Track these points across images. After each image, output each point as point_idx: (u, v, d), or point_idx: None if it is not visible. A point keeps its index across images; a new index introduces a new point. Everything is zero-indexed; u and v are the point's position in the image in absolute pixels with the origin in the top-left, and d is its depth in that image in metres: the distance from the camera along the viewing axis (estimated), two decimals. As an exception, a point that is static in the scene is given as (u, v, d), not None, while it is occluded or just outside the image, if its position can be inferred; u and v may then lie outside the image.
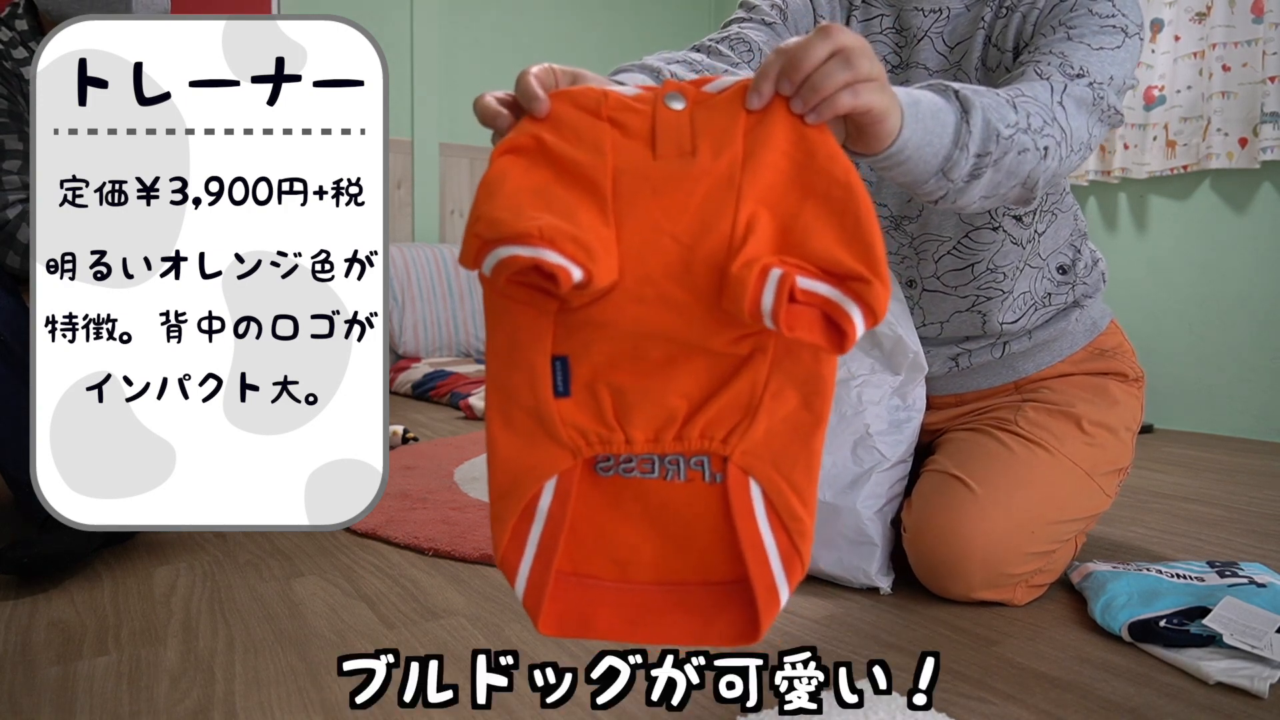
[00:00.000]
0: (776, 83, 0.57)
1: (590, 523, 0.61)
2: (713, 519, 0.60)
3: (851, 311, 0.54)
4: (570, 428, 0.59)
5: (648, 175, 0.57)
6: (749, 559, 0.58)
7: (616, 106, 0.59)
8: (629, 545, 0.61)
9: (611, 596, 0.62)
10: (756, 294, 0.53)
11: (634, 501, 0.61)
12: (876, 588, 1.09)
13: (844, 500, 1.09)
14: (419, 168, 3.94)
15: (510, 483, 0.60)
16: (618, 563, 0.61)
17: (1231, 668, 0.84)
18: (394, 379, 3.35)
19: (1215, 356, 2.65)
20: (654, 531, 0.61)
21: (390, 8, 3.86)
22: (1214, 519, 1.54)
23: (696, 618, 0.61)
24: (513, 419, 0.60)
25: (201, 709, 0.78)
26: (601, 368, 0.59)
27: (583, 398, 0.59)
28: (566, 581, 0.61)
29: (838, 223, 0.55)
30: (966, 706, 0.79)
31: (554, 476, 0.60)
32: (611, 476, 0.61)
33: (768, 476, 0.59)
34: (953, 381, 1.19)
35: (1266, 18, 2.43)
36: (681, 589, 0.61)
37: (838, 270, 0.54)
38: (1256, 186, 2.54)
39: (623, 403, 0.59)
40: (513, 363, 0.60)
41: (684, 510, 0.60)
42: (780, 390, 0.58)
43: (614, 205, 0.57)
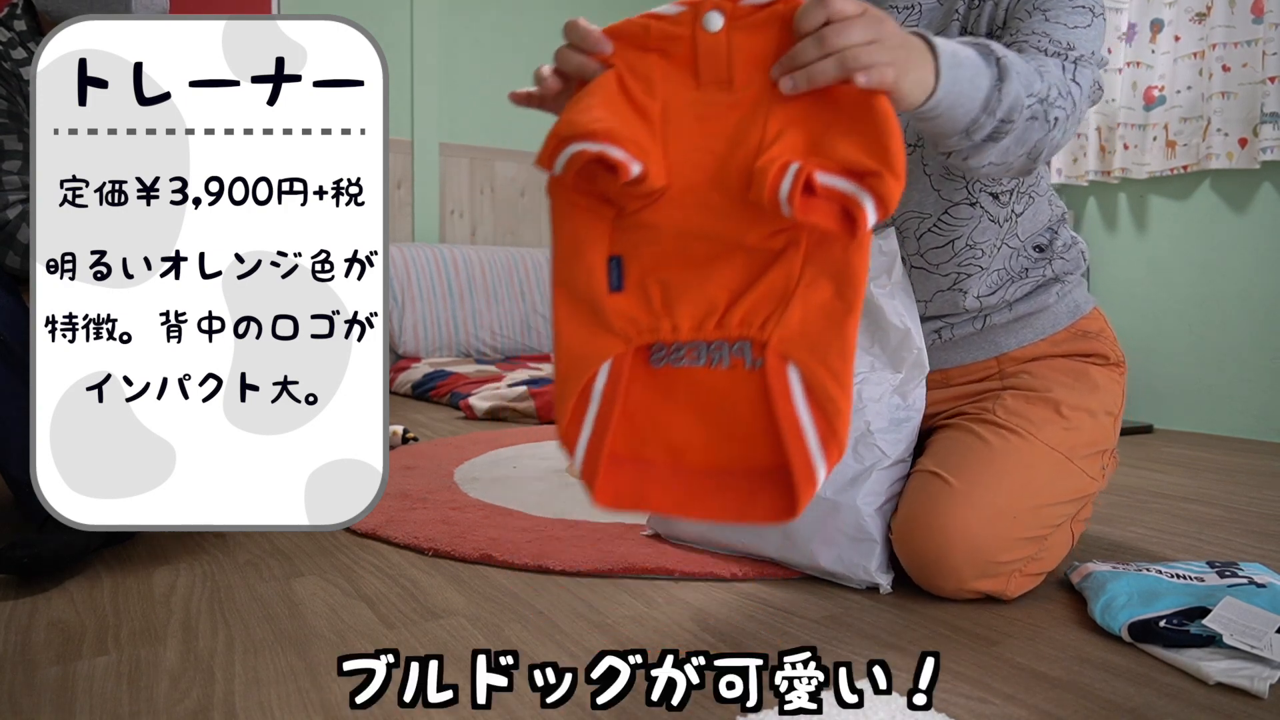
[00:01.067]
0: None
1: (646, 412, 0.68)
2: (754, 405, 0.65)
3: (864, 201, 0.60)
4: (623, 318, 0.67)
5: (691, 104, 0.66)
6: (787, 439, 0.64)
7: (660, 37, 0.67)
8: (680, 433, 0.68)
9: (663, 480, 0.68)
10: (775, 183, 0.61)
11: (684, 390, 0.67)
12: (877, 586, 1.09)
13: (844, 497, 1.09)
14: (419, 168, 3.94)
15: (570, 368, 0.68)
16: (670, 450, 0.68)
17: (1231, 668, 0.84)
18: (394, 379, 3.36)
19: (1215, 356, 2.65)
20: (702, 420, 0.67)
21: (390, 8, 3.86)
22: (1214, 519, 1.54)
23: (739, 498, 0.67)
24: (574, 312, 0.68)
25: (201, 709, 0.78)
26: (650, 266, 0.67)
27: (634, 292, 0.67)
28: (624, 465, 0.68)
29: (858, 130, 0.62)
30: (966, 706, 0.79)
31: (608, 361, 0.67)
32: (663, 367, 0.68)
33: (804, 361, 0.64)
34: (936, 355, 1.21)
35: (1266, 18, 2.43)
36: (726, 475, 0.67)
37: (856, 169, 0.61)
38: (1256, 186, 2.54)
39: (669, 295, 0.67)
40: (575, 262, 0.68)
41: (728, 397, 0.66)
42: (814, 280, 0.64)
43: (661, 130, 0.66)
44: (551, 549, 1.22)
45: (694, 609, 1.03)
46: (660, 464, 0.68)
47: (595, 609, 1.03)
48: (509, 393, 2.70)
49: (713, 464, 0.67)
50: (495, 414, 2.66)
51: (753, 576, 1.14)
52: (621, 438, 0.67)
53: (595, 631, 0.96)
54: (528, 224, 4.32)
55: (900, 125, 0.63)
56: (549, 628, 0.97)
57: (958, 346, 1.21)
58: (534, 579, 1.14)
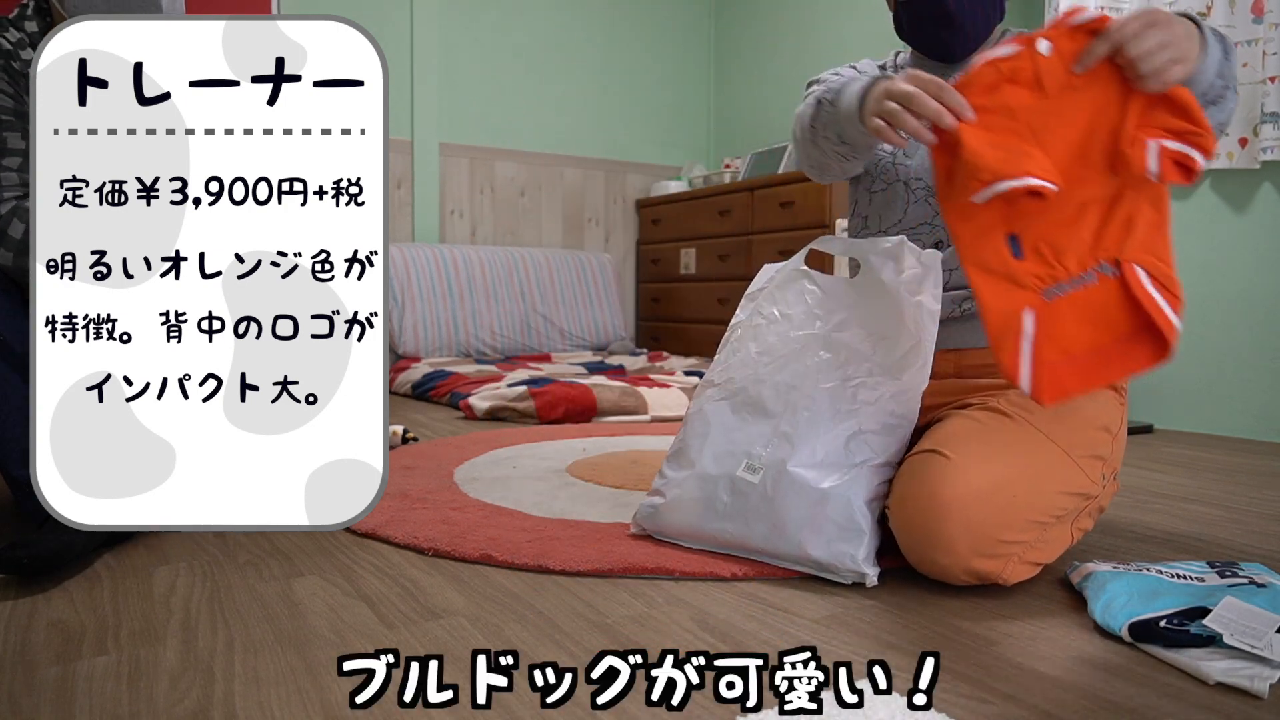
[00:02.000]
0: (1110, 55, 0.94)
1: (1048, 332, 0.96)
2: (1119, 296, 0.96)
3: (1196, 156, 0.92)
4: (1030, 276, 0.97)
5: (1047, 110, 0.96)
6: (1150, 309, 0.94)
7: (1009, 71, 0.96)
8: (1072, 336, 0.96)
9: (1073, 370, 0.96)
10: (1142, 161, 0.93)
11: (1069, 308, 0.97)
12: (864, 579, 1.09)
13: (835, 487, 1.10)
14: (419, 168, 3.95)
15: (1002, 322, 0.97)
16: (1065, 350, 0.96)
17: (1231, 668, 0.84)
18: (394, 379, 3.36)
19: (1215, 356, 2.65)
20: (1084, 321, 0.96)
21: (390, 8, 3.86)
22: (1214, 519, 1.54)
23: (1124, 358, 0.95)
24: (991, 281, 0.98)
25: (201, 709, 0.78)
26: (1038, 235, 0.98)
27: (1032, 256, 0.98)
28: (1049, 369, 0.96)
29: (1169, 104, 0.93)
30: (966, 706, 0.79)
31: (1029, 309, 0.97)
32: (1054, 300, 0.97)
33: (1147, 260, 0.96)
34: (954, 331, 1.24)
35: (1266, 18, 2.43)
36: (1108, 349, 0.96)
37: (1181, 131, 0.93)
38: (1256, 186, 2.54)
39: (1056, 250, 0.97)
40: (983, 246, 0.98)
41: (1099, 299, 0.96)
42: (1140, 207, 0.96)
43: (1033, 137, 0.96)
44: (551, 549, 1.22)
45: (694, 609, 1.03)
46: (1064, 361, 0.96)
47: (595, 609, 1.03)
48: (509, 393, 2.70)
49: (1097, 345, 0.96)
50: (495, 414, 2.66)
51: (752, 576, 1.14)
52: (1045, 352, 0.95)
53: (595, 631, 0.96)
54: (528, 224, 4.32)
55: None
56: (549, 628, 0.97)
57: (974, 324, 1.24)
58: (534, 579, 1.14)
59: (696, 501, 1.20)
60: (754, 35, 4.49)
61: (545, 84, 4.30)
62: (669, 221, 4.32)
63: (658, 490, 1.27)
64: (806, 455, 1.13)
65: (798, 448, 1.13)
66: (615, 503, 1.52)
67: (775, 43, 4.34)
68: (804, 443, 1.14)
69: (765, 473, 1.14)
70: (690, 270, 4.15)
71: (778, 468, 1.13)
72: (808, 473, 1.12)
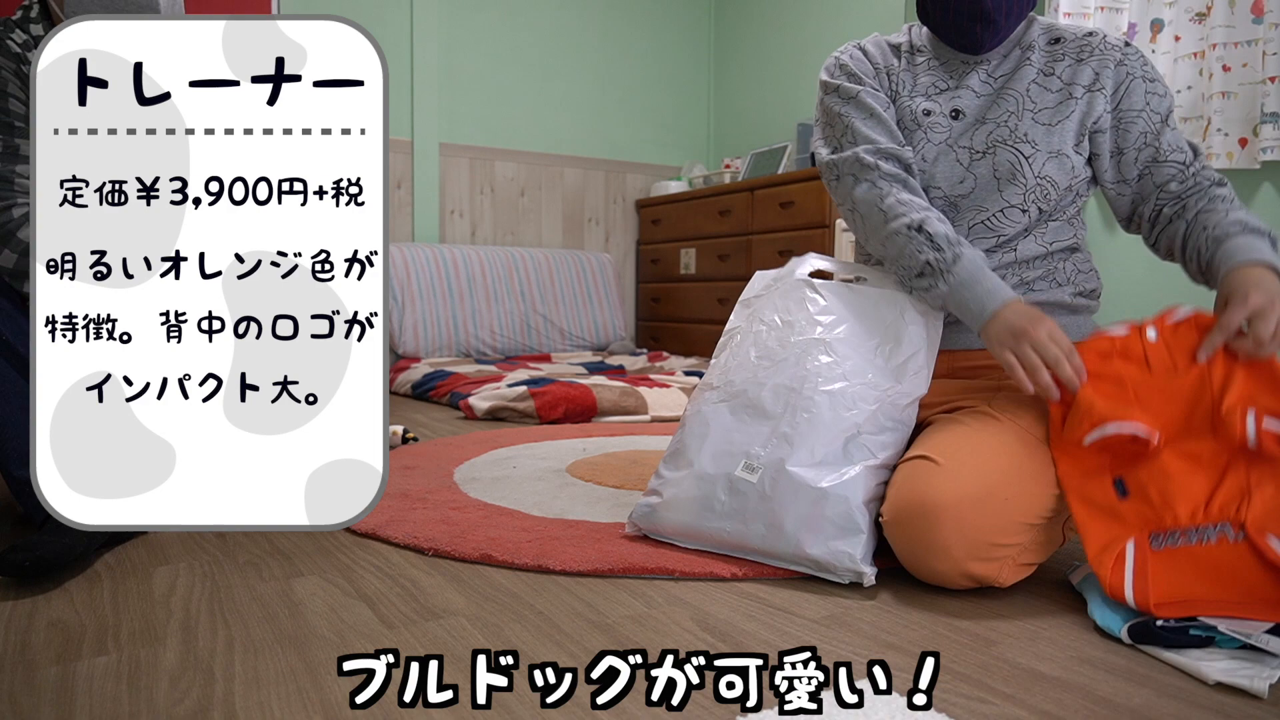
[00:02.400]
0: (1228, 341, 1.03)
1: (1162, 580, 0.97)
2: (1250, 563, 0.97)
3: None
4: (1134, 514, 1.02)
5: (1153, 387, 1.05)
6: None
7: (1121, 347, 1.07)
8: (1188, 587, 0.97)
9: (1208, 606, 0.95)
10: (1242, 430, 0.99)
11: (1185, 560, 0.99)
12: (862, 578, 1.09)
13: (833, 487, 1.10)
14: (419, 168, 3.94)
15: (1103, 544, 1.01)
16: (1185, 600, 0.96)
17: (1231, 668, 0.84)
18: (394, 379, 3.36)
19: (1215, 356, 2.65)
20: (1205, 579, 0.98)
21: (390, 8, 3.86)
22: (1214, 519, 1.54)
23: (1261, 613, 0.92)
24: (1095, 514, 1.03)
25: (201, 709, 0.78)
26: (1145, 479, 1.02)
27: (1138, 497, 1.02)
28: (1145, 580, 0.97)
29: (1272, 380, 1.01)
30: (966, 706, 0.79)
31: (1131, 540, 1.00)
32: (1164, 549, 1.00)
33: (1278, 529, 0.97)
34: (947, 334, 1.24)
35: (1266, 18, 2.43)
36: (1233, 607, 0.94)
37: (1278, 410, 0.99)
38: (1256, 186, 2.54)
39: (1164, 495, 1.01)
40: (1090, 483, 1.04)
41: (1221, 560, 0.98)
42: (1262, 480, 1.00)
43: (1139, 405, 1.04)
44: (551, 549, 1.22)
45: (694, 609, 1.03)
46: (1197, 601, 0.96)
47: (595, 609, 1.03)
48: (509, 393, 2.70)
49: (1220, 600, 0.96)
50: (495, 414, 2.66)
51: (752, 576, 1.14)
52: (1160, 591, 0.96)
53: (595, 631, 0.96)
54: (528, 224, 4.32)
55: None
56: (549, 628, 0.97)
57: (967, 327, 1.23)
58: (534, 579, 1.14)
59: (694, 500, 1.20)
60: (754, 35, 4.49)
61: (545, 84, 4.30)
62: (669, 221, 4.32)
63: (654, 490, 1.27)
64: (805, 455, 1.13)
65: (796, 448, 1.14)
66: (615, 503, 1.52)
67: (775, 43, 4.34)
68: (803, 443, 1.14)
69: (764, 472, 1.14)
70: (690, 270, 4.15)
71: (776, 467, 1.13)
72: (806, 472, 1.12)
